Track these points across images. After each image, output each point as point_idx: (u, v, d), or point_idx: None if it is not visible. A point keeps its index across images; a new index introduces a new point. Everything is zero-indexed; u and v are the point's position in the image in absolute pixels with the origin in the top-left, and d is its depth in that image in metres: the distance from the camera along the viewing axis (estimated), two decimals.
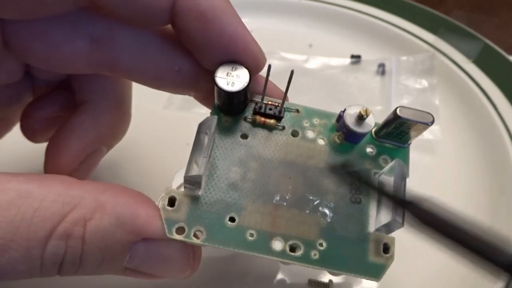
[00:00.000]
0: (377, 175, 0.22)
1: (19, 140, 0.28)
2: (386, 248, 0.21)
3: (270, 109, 0.22)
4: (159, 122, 0.40)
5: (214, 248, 0.20)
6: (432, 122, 0.20)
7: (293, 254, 0.20)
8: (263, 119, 0.22)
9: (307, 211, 0.21)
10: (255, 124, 0.22)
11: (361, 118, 0.21)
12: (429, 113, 0.20)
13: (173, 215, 0.19)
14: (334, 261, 0.20)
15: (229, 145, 0.22)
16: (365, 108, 0.21)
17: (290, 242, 0.20)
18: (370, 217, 0.21)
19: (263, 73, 0.22)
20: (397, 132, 0.21)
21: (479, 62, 0.46)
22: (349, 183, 0.22)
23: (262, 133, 0.22)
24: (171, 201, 0.20)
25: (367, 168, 0.22)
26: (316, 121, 0.23)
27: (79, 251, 0.18)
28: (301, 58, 0.48)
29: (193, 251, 0.21)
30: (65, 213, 0.18)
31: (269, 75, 0.20)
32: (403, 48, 0.50)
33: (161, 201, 0.20)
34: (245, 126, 0.22)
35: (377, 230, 0.20)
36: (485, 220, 0.35)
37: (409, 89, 0.45)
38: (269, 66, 0.19)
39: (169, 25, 0.21)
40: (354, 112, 0.21)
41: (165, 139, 0.38)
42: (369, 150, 0.22)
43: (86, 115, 0.26)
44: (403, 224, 0.19)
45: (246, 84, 0.20)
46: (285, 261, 0.20)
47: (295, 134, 0.22)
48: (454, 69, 0.46)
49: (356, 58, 0.48)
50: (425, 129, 0.20)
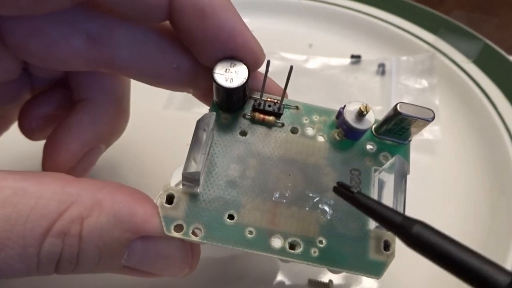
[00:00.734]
0: (377, 172, 0.22)
1: (17, 138, 0.28)
2: (387, 246, 0.20)
3: (269, 106, 0.22)
4: (159, 121, 0.40)
5: (213, 248, 0.20)
6: (433, 118, 0.20)
7: (292, 251, 0.20)
8: (262, 116, 0.22)
9: (307, 208, 0.21)
10: (254, 121, 0.22)
11: (361, 115, 0.21)
12: (430, 109, 0.20)
13: (171, 213, 0.19)
14: (334, 258, 0.20)
15: (228, 142, 0.21)
16: (365, 105, 0.20)
17: (289, 240, 0.20)
18: None
19: (262, 70, 0.22)
20: (397, 129, 0.21)
21: (479, 62, 0.46)
22: (348, 180, 0.21)
23: (261, 130, 0.22)
24: (169, 199, 0.20)
25: (367, 165, 0.22)
26: (315, 118, 0.23)
27: (76, 249, 0.18)
28: (301, 58, 0.48)
29: (191, 249, 0.21)
30: (62, 210, 0.18)
31: (268, 71, 0.20)
32: (403, 48, 0.50)
33: (159, 199, 0.20)
34: (244, 123, 0.22)
35: (377, 227, 0.20)
36: (485, 220, 0.34)
37: (409, 89, 0.45)
38: (268, 61, 0.19)
39: (167, 22, 0.21)
40: (354, 109, 0.21)
41: (165, 139, 0.38)
42: (369, 147, 0.22)
43: (84, 112, 0.26)
44: None
45: (245, 80, 0.20)
46: (285, 258, 0.20)
47: (294, 131, 0.22)
48: (454, 69, 0.46)
49: (356, 58, 0.48)
50: (425, 125, 0.20)
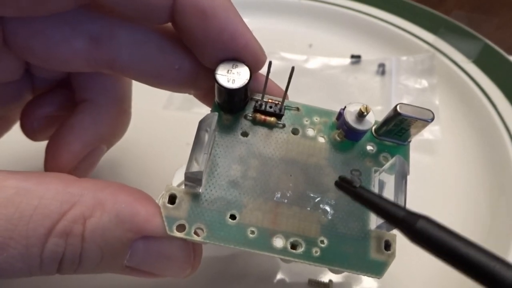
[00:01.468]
0: (377, 173, 0.22)
1: (19, 139, 0.28)
2: (388, 245, 0.20)
3: (271, 107, 0.22)
4: (159, 122, 0.40)
5: (214, 248, 0.20)
6: (432, 119, 0.20)
7: (294, 251, 0.20)
8: (263, 117, 0.22)
9: (308, 208, 0.21)
10: (255, 122, 0.22)
11: (361, 115, 0.21)
12: (429, 110, 0.20)
13: (174, 213, 0.19)
14: (335, 258, 0.20)
15: (229, 143, 0.21)
16: (365, 105, 0.21)
17: (291, 240, 0.20)
18: (371, 214, 0.21)
19: (263, 71, 0.22)
20: (397, 130, 0.21)
21: (479, 62, 0.46)
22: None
23: (262, 131, 0.22)
24: (172, 199, 0.20)
25: (367, 166, 0.22)
26: (316, 119, 0.23)
27: (79, 249, 0.18)
28: (301, 58, 0.48)
29: (193, 249, 0.21)
30: (64, 210, 0.18)
31: (269, 71, 0.20)
32: (403, 48, 0.50)
33: (161, 199, 0.20)
34: (245, 124, 0.22)
35: (378, 227, 0.20)
36: (485, 220, 0.35)
37: (409, 89, 0.45)
38: (270, 62, 0.19)
39: (169, 23, 0.21)
40: (354, 110, 0.21)
41: (165, 139, 0.38)
42: (369, 148, 0.22)
43: (86, 113, 0.26)
44: None
45: (246, 81, 0.20)
46: (286, 258, 0.20)
47: (295, 132, 0.22)
48: (454, 69, 0.46)
49: (356, 58, 0.48)
50: (425, 126, 0.20)
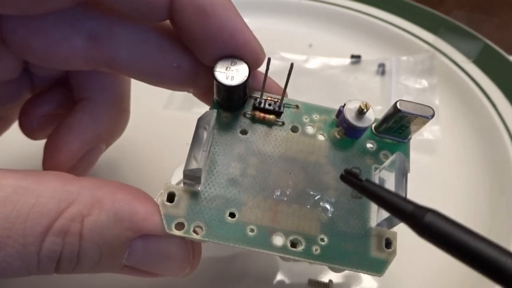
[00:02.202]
0: (377, 170, 0.22)
1: (17, 138, 0.28)
2: (388, 243, 0.20)
3: (270, 104, 0.22)
4: (159, 121, 0.40)
5: (213, 248, 0.20)
6: (433, 116, 0.20)
7: (294, 249, 0.20)
8: (262, 114, 0.22)
9: (308, 206, 0.21)
10: (254, 119, 0.22)
11: (361, 113, 0.21)
12: (429, 107, 0.20)
13: (172, 211, 0.19)
14: (336, 256, 0.20)
15: (228, 141, 0.21)
16: (365, 102, 0.20)
17: (291, 238, 0.20)
18: (372, 211, 0.21)
19: (262, 69, 0.22)
20: (397, 127, 0.21)
21: (479, 62, 0.46)
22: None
23: (261, 128, 0.22)
24: (170, 197, 0.20)
25: (367, 164, 0.22)
26: (315, 116, 0.23)
27: (77, 247, 0.18)
28: (301, 58, 0.48)
29: (192, 248, 0.21)
30: (62, 209, 0.18)
31: (268, 68, 0.20)
32: (403, 48, 0.50)
33: (160, 197, 0.20)
34: (244, 122, 0.22)
35: (378, 224, 0.20)
36: (485, 220, 0.35)
37: (409, 89, 0.45)
38: (269, 59, 0.19)
39: (167, 21, 0.21)
40: (354, 107, 0.21)
41: (165, 138, 0.38)
42: (369, 145, 0.22)
43: (85, 112, 0.26)
44: None
45: (245, 78, 0.20)
46: (286, 256, 0.20)
47: (294, 129, 0.22)
48: (454, 69, 0.46)
49: (356, 58, 0.48)
50: (425, 122, 0.20)
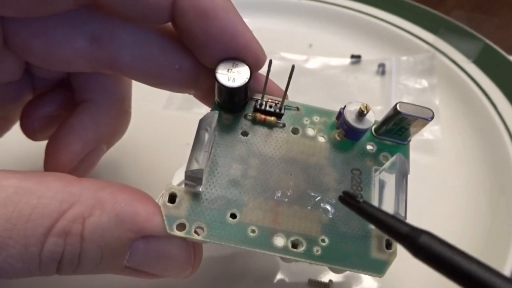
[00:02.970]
0: (378, 172, 0.22)
1: (19, 139, 0.28)
2: (389, 244, 0.20)
3: (271, 106, 0.22)
4: (159, 122, 0.40)
5: (214, 248, 0.20)
6: (432, 118, 0.20)
7: (295, 250, 0.20)
8: (263, 116, 0.22)
9: (309, 207, 0.21)
10: (255, 121, 0.22)
11: (361, 115, 0.21)
12: (429, 109, 0.20)
13: (174, 212, 0.19)
14: (336, 257, 0.20)
15: (229, 143, 0.21)
16: (365, 104, 0.21)
17: (292, 238, 0.20)
18: None
19: (263, 71, 0.22)
20: (397, 129, 0.21)
21: (479, 62, 0.46)
22: (349, 179, 0.22)
23: (262, 130, 0.22)
24: (172, 198, 0.20)
25: (367, 165, 0.22)
26: (316, 118, 0.23)
27: (78, 248, 0.18)
28: (301, 58, 0.48)
29: (194, 249, 0.21)
30: (63, 210, 0.18)
31: (270, 70, 0.20)
32: (403, 48, 0.50)
33: (161, 198, 0.20)
34: (245, 124, 0.22)
35: None
36: (485, 220, 0.35)
37: (409, 89, 0.45)
38: (270, 61, 0.19)
39: (169, 23, 0.21)
40: (354, 109, 0.21)
41: (165, 139, 0.38)
42: (369, 147, 0.22)
43: (86, 113, 0.26)
44: (405, 218, 0.18)
45: (247, 80, 0.20)
46: (287, 257, 0.20)
47: (295, 131, 0.22)
48: (454, 69, 0.46)
49: (356, 58, 0.48)
50: (425, 124, 0.20)
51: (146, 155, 0.37)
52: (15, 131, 0.28)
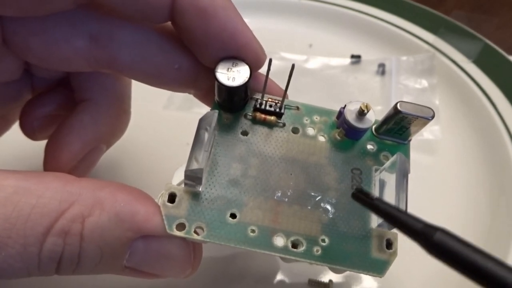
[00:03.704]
0: (378, 171, 0.22)
1: (18, 138, 0.28)
2: (389, 244, 0.20)
3: (271, 106, 0.22)
4: (159, 121, 0.40)
5: (214, 248, 0.20)
6: (433, 117, 0.20)
7: (295, 250, 0.20)
8: (263, 116, 0.22)
9: (309, 207, 0.21)
10: (255, 121, 0.22)
11: (361, 114, 0.21)
12: (430, 108, 0.20)
13: (174, 211, 0.19)
14: (336, 257, 0.20)
15: (229, 142, 0.21)
16: (365, 104, 0.21)
17: (292, 238, 0.20)
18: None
19: (262, 71, 0.22)
20: (397, 128, 0.21)
21: (479, 62, 0.46)
22: (350, 179, 0.22)
23: (262, 130, 0.22)
24: (172, 197, 0.20)
25: (368, 165, 0.22)
26: (316, 118, 0.23)
27: (77, 248, 0.18)
28: (301, 58, 0.48)
29: (193, 249, 0.21)
30: (63, 209, 0.18)
31: (270, 69, 0.20)
32: (403, 48, 0.50)
33: (161, 198, 0.20)
34: (245, 123, 0.22)
35: (379, 225, 0.20)
36: (485, 220, 0.34)
37: (409, 89, 0.45)
38: (270, 60, 0.19)
39: (169, 23, 0.21)
40: (355, 108, 0.21)
41: (165, 138, 0.38)
42: (369, 147, 0.22)
43: (86, 113, 0.26)
44: None
45: (247, 79, 0.20)
46: (287, 257, 0.20)
47: (295, 131, 0.22)
48: (454, 69, 0.46)
49: (356, 58, 0.48)
50: (425, 124, 0.20)
51: (146, 155, 0.37)
52: (15, 130, 0.28)
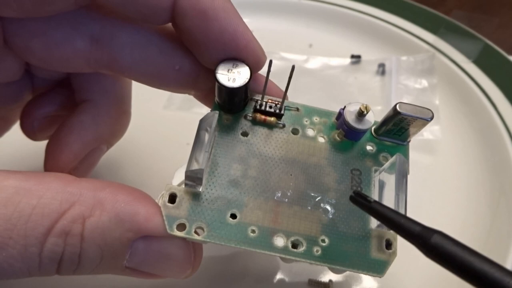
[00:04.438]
0: (377, 172, 0.22)
1: (18, 139, 0.28)
2: (389, 244, 0.20)
3: (271, 106, 0.22)
4: (159, 122, 0.40)
5: (214, 248, 0.20)
6: (432, 118, 0.20)
7: (295, 250, 0.20)
8: (263, 117, 0.22)
9: (309, 207, 0.21)
10: (255, 122, 0.22)
11: (361, 115, 0.21)
12: (429, 109, 0.20)
13: (174, 212, 0.19)
14: (336, 257, 0.20)
15: (229, 143, 0.21)
16: (365, 105, 0.21)
17: (292, 239, 0.20)
18: None
19: (263, 72, 0.22)
20: (396, 129, 0.21)
21: (479, 62, 0.46)
22: (349, 179, 0.22)
23: (262, 131, 0.22)
24: (172, 198, 0.20)
25: (367, 166, 0.22)
26: (316, 119, 0.23)
27: (78, 248, 0.18)
28: (301, 58, 0.48)
29: (194, 249, 0.21)
30: (63, 210, 0.18)
31: (270, 70, 0.20)
32: (403, 48, 0.50)
33: (161, 198, 0.20)
34: (245, 124, 0.22)
35: (379, 226, 0.20)
36: (485, 220, 0.34)
37: (409, 89, 0.45)
38: (270, 61, 0.19)
39: (169, 24, 0.21)
40: (354, 109, 0.21)
41: (165, 139, 0.38)
42: (369, 148, 0.23)
43: (86, 113, 0.26)
44: None
45: (247, 80, 0.20)
46: (287, 257, 0.20)
47: (295, 132, 0.22)
48: (454, 69, 0.46)
49: (356, 58, 0.48)
50: (424, 125, 0.20)
51: (146, 155, 0.37)
52: (15, 131, 0.28)
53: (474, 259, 0.14)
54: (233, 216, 0.20)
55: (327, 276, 0.30)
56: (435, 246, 0.15)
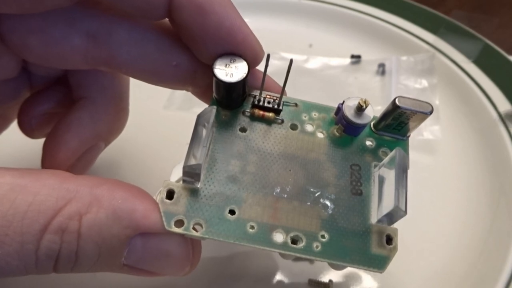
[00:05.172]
0: (377, 167, 0.21)
1: (16, 136, 0.28)
2: (389, 239, 0.20)
3: (269, 102, 0.22)
4: (159, 121, 0.40)
5: (213, 248, 0.20)
6: (431, 112, 0.20)
7: (294, 246, 0.20)
8: (261, 112, 0.22)
9: (308, 203, 0.20)
10: (253, 117, 0.22)
11: (360, 109, 0.21)
12: (428, 103, 0.20)
13: (172, 208, 0.19)
14: (336, 253, 0.20)
15: (228, 139, 0.21)
16: (364, 99, 0.21)
17: (291, 234, 0.20)
18: (372, 208, 0.21)
19: (261, 68, 0.22)
20: (396, 124, 0.21)
21: (479, 62, 0.46)
22: (349, 175, 0.21)
23: (261, 126, 0.22)
24: (170, 194, 0.19)
25: (367, 161, 0.22)
26: (314, 114, 0.23)
27: (75, 246, 0.18)
28: (301, 58, 0.48)
29: (192, 245, 0.21)
30: (60, 207, 0.17)
31: (268, 64, 0.20)
32: (403, 48, 0.50)
33: (159, 195, 0.20)
34: (243, 120, 0.22)
35: (379, 221, 0.20)
36: (485, 220, 0.34)
37: (409, 89, 0.45)
38: (268, 55, 0.19)
39: (166, 20, 0.21)
40: (353, 104, 0.21)
41: (165, 138, 0.38)
42: (368, 143, 0.22)
43: (84, 110, 0.26)
44: (406, 213, 0.18)
45: (245, 75, 0.20)
46: (287, 253, 0.19)
47: (294, 127, 0.22)
48: (454, 69, 0.46)
49: (356, 58, 0.48)
50: (424, 119, 0.20)
51: (146, 154, 0.37)
52: (13, 128, 0.28)
53: None
54: (232, 212, 0.20)
55: (327, 276, 0.29)
56: None
